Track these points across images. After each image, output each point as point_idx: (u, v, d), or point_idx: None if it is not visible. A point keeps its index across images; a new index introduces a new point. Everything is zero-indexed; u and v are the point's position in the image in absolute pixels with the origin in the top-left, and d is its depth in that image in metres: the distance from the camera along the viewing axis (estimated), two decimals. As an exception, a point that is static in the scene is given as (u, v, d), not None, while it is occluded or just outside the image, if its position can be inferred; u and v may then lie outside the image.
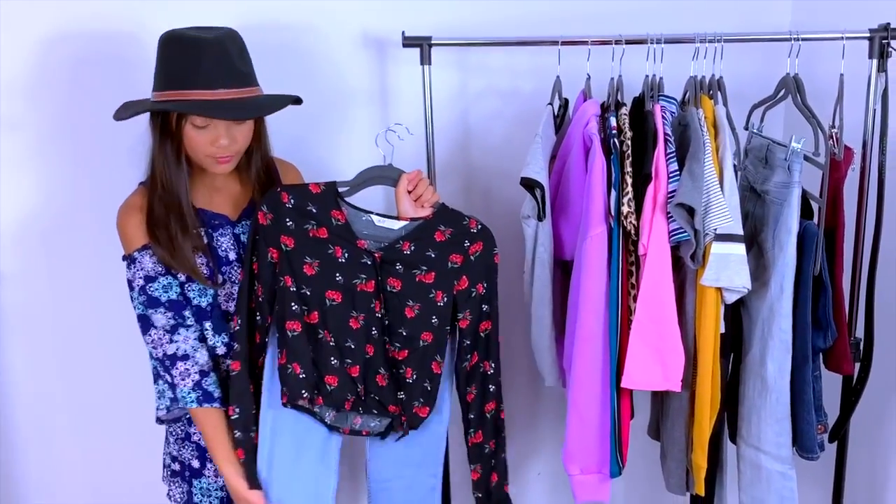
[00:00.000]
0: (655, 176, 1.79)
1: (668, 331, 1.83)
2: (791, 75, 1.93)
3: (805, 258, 1.85)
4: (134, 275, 1.79)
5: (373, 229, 1.85)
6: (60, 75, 2.18)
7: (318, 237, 1.82)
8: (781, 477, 1.93)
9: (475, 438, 1.95)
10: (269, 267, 1.81)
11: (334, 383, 1.83)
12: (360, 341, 1.84)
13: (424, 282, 1.84)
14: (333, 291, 1.82)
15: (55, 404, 2.39)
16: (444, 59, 2.17)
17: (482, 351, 1.91)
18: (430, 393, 1.88)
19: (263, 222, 1.80)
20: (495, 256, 1.89)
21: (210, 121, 1.71)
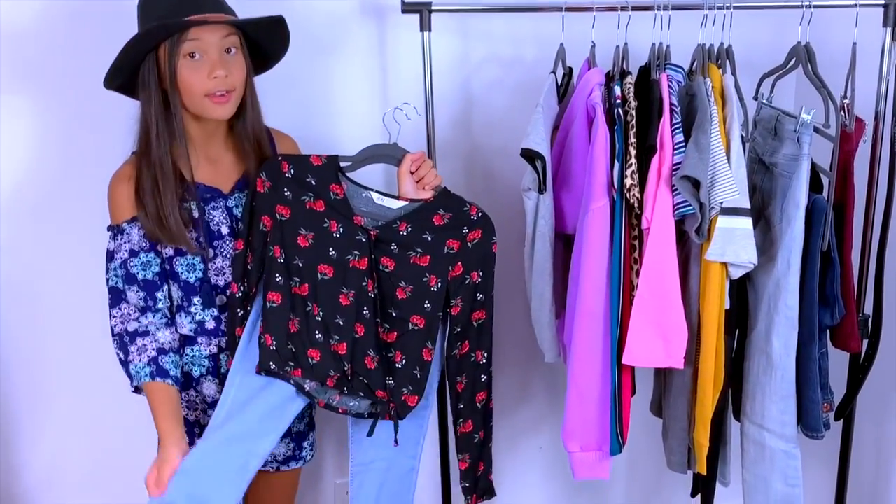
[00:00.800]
0: (660, 147, 1.76)
1: (671, 307, 1.81)
2: (802, 44, 1.89)
3: (813, 233, 1.82)
4: (119, 246, 1.77)
5: (371, 207, 1.83)
6: (56, 40, 2.14)
7: (314, 209, 1.80)
8: (785, 455, 1.92)
9: (464, 428, 1.94)
10: (261, 235, 1.80)
11: (317, 357, 1.82)
12: (349, 319, 1.82)
13: (419, 264, 1.82)
14: (326, 266, 1.80)
15: (49, 376, 2.38)
16: (444, 25, 2.13)
17: (474, 340, 1.90)
18: (420, 381, 1.86)
19: (261, 190, 1.79)
20: (493, 246, 1.87)
21: (203, 50, 1.68)
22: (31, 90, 2.18)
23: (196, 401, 1.89)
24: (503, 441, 2.66)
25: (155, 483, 1.68)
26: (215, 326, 1.84)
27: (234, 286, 1.82)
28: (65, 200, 2.23)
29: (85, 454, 2.43)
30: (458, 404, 1.93)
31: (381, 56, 2.30)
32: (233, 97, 1.74)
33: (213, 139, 1.83)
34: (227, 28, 1.72)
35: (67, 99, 2.18)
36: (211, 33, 1.69)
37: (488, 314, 1.90)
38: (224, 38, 1.71)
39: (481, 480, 2.00)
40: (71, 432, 2.42)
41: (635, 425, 1.99)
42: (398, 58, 2.29)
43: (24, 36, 2.13)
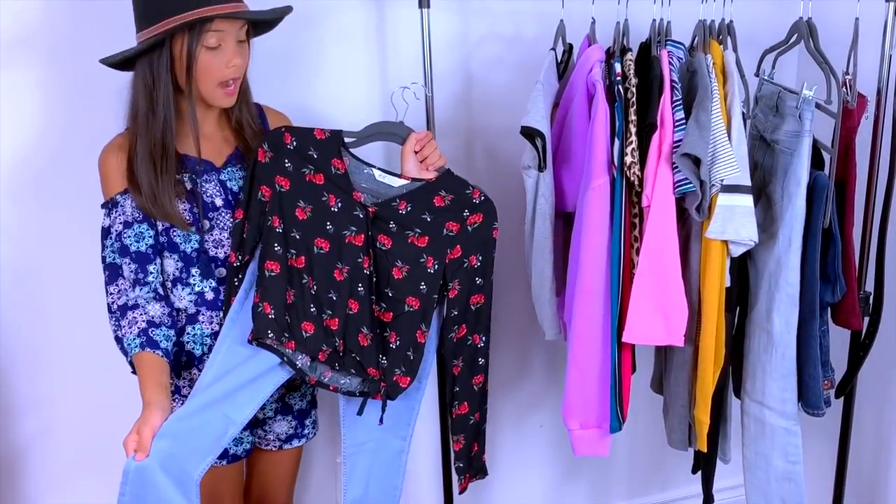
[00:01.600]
0: (661, 125, 1.75)
1: (672, 284, 1.81)
2: (804, 19, 1.88)
3: (815, 210, 1.82)
4: (114, 220, 1.78)
5: (372, 183, 1.82)
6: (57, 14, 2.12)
7: (313, 182, 1.80)
8: (786, 433, 1.92)
9: (460, 410, 1.94)
10: (259, 205, 1.80)
11: (310, 330, 1.82)
12: (343, 294, 1.81)
13: (417, 245, 1.81)
14: (322, 240, 1.80)
15: (50, 352, 2.38)
16: (443, 2, 2.11)
17: (471, 324, 1.89)
18: (413, 363, 1.85)
19: (262, 159, 1.79)
20: (494, 231, 1.85)
21: (223, 39, 1.70)
22: (31, 68, 2.16)
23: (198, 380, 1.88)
24: (504, 419, 2.67)
25: (136, 446, 1.62)
26: (214, 298, 1.84)
27: (233, 255, 1.82)
28: (63, 179, 2.21)
29: (83, 433, 2.43)
30: (454, 387, 1.93)
31: (379, 33, 2.28)
32: (238, 86, 1.77)
33: (207, 117, 1.83)
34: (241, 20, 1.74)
35: (67, 76, 2.16)
36: (231, 24, 1.72)
37: (487, 298, 1.89)
38: (240, 28, 1.74)
39: (475, 461, 2.01)
40: (69, 413, 2.42)
41: (636, 403, 2.00)
42: (397, 35, 2.27)
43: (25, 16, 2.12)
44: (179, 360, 1.88)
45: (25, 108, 2.17)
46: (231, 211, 1.84)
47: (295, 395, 1.99)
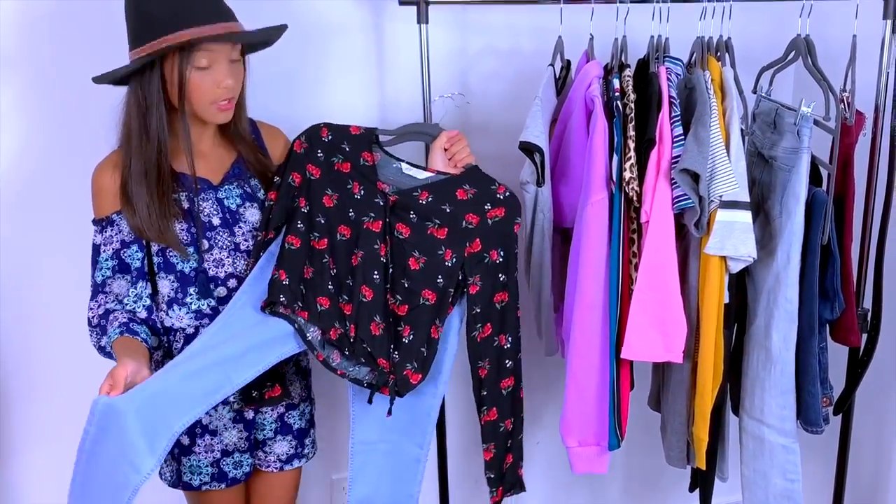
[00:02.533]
0: (659, 140, 1.75)
1: (670, 300, 1.80)
2: (802, 36, 1.88)
3: (813, 227, 1.81)
4: (109, 238, 1.77)
5: (398, 176, 1.85)
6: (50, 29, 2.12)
7: (340, 170, 1.84)
8: (784, 450, 1.91)
9: (489, 416, 1.88)
10: (289, 188, 1.83)
11: (326, 305, 1.82)
12: (358, 280, 1.82)
13: (435, 236, 1.81)
14: (345, 227, 1.84)
15: (42, 365, 2.37)
16: (441, 17, 2.11)
17: (497, 323, 1.84)
18: (426, 360, 1.82)
19: (298, 150, 1.84)
20: (516, 226, 1.83)
21: (214, 60, 1.69)
22: (18, 82, 2.16)
23: None
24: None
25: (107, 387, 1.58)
26: (212, 315, 1.82)
27: (264, 234, 1.84)
28: (52, 193, 2.21)
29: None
30: (481, 390, 1.87)
31: (378, 48, 2.29)
32: (233, 104, 1.76)
33: (204, 134, 1.82)
34: None
35: (55, 91, 2.16)
36: (222, 45, 1.70)
37: (512, 297, 1.85)
38: (233, 48, 1.72)
39: (509, 474, 1.95)
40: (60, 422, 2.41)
41: (634, 420, 1.99)
42: (395, 50, 2.28)
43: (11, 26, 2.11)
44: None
45: (15, 122, 2.17)
46: (229, 230, 1.82)
47: (294, 413, 1.97)
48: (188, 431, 1.87)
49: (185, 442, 1.89)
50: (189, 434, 1.88)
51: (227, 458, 1.90)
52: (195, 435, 1.88)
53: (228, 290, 1.83)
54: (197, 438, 1.88)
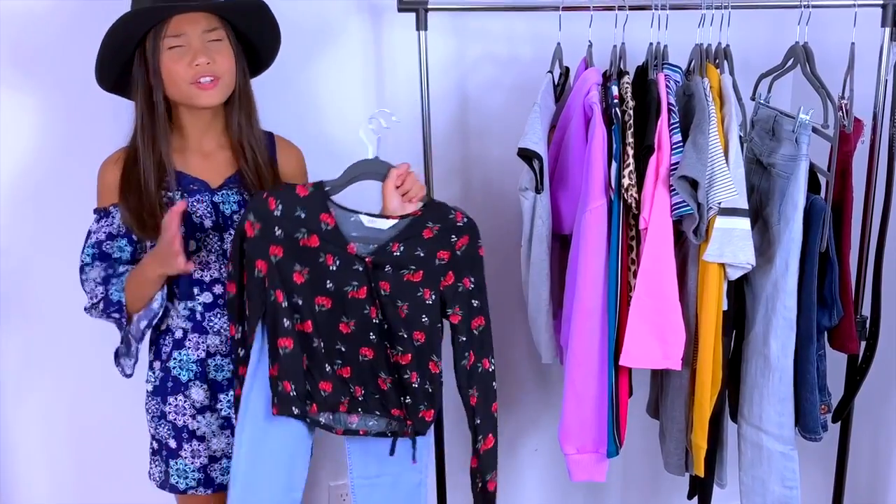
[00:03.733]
0: (658, 147, 1.75)
1: (669, 308, 1.80)
2: (800, 44, 1.89)
3: (811, 234, 1.81)
4: (100, 228, 1.80)
5: (362, 230, 1.77)
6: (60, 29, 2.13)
7: (308, 246, 1.75)
8: (783, 457, 1.91)
9: (486, 444, 1.87)
10: (258, 282, 1.75)
11: (329, 389, 1.81)
12: (353, 345, 1.79)
13: (412, 281, 1.78)
14: (322, 297, 1.77)
15: (45, 359, 2.37)
16: (440, 24, 2.11)
17: (478, 348, 1.84)
18: (432, 395, 1.82)
19: (251, 234, 1.72)
20: (480, 249, 1.82)
21: (185, 39, 1.70)
22: (33, 86, 2.17)
23: (185, 406, 1.87)
24: (499, 442, 2.65)
25: None
26: (199, 321, 1.84)
27: (233, 328, 1.79)
28: (63, 195, 2.21)
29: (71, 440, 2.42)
30: (475, 419, 1.86)
31: (376, 55, 2.29)
32: (219, 84, 1.74)
33: (208, 133, 1.83)
34: (211, 21, 1.73)
35: (68, 95, 2.16)
36: (193, 24, 1.71)
37: (487, 320, 1.85)
38: (207, 31, 1.72)
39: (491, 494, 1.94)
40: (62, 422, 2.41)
41: (632, 427, 1.98)
42: (394, 57, 2.27)
43: (28, 30, 2.12)
44: (165, 385, 1.87)
45: (25, 120, 2.17)
46: (219, 234, 1.82)
47: None
48: (175, 435, 1.88)
49: (172, 445, 1.89)
50: (176, 438, 1.88)
51: (215, 463, 1.90)
52: (182, 439, 1.88)
53: (214, 296, 1.83)
54: (184, 443, 1.88)
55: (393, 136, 2.19)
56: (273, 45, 1.87)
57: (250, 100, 1.84)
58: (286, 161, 1.92)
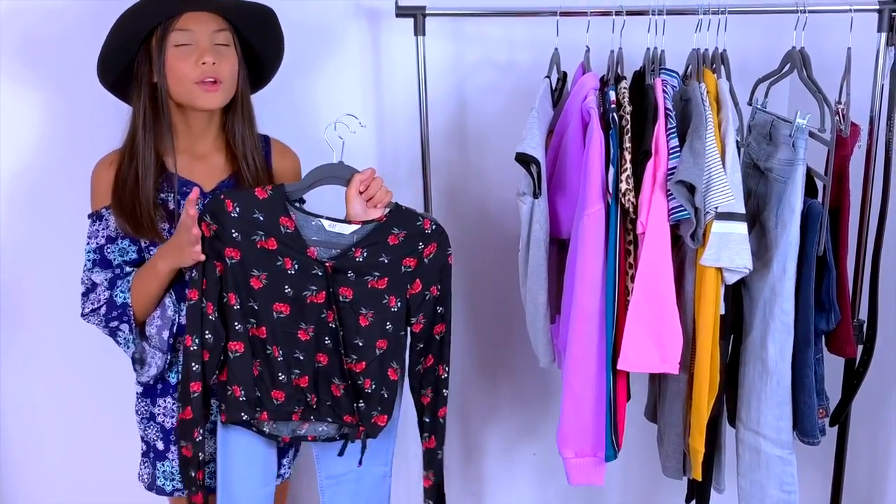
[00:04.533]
0: (655, 152, 1.75)
1: (666, 312, 1.80)
2: (797, 49, 1.89)
3: (809, 238, 1.81)
4: (95, 232, 1.80)
5: (323, 235, 1.76)
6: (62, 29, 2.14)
7: (265, 248, 1.73)
8: (781, 461, 1.91)
9: (429, 444, 1.91)
10: (216, 283, 1.73)
11: (281, 398, 1.80)
12: (310, 351, 1.79)
13: (377, 288, 1.77)
14: (281, 304, 1.76)
15: (41, 362, 2.37)
16: (438, 29, 2.12)
17: (436, 354, 1.85)
18: (388, 400, 1.84)
19: (207, 234, 1.71)
20: (449, 257, 1.82)
21: (193, 37, 1.70)
22: (37, 84, 2.18)
23: (173, 408, 1.87)
24: (497, 446, 2.66)
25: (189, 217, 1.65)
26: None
27: (189, 339, 1.74)
28: (62, 193, 2.22)
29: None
30: (423, 417, 1.89)
31: (374, 60, 2.29)
32: (221, 88, 1.74)
33: (203, 137, 1.83)
34: (219, 22, 1.73)
35: (71, 94, 2.17)
36: (202, 24, 1.71)
37: (448, 326, 1.85)
38: (215, 31, 1.73)
39: (442, 497, 1.97)
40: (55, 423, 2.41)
41: (630, 431, 1.98)
42: (392, 62, 2.28)
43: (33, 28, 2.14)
44: (155, 387, 1.87)
45: (26, 119, 2.18)
46: None
47: None
48: (163, 437, 1.88)
49: (159, 447, 1.89)
50: (164, 440, 1.88)
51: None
52: (170, 441, 1.88)
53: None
54: (171, 445, 1.88)
55: (391, 140, 2.21)
56: (275, 57, 1.88)
57: (250, 107, 1.84)
58: (281, 165, 1.92)
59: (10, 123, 2.19)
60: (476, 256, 2.42)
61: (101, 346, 1.97)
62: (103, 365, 2.27)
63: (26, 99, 2.19)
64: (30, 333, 2.35)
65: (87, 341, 2.09)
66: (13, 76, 2.16)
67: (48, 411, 2.41)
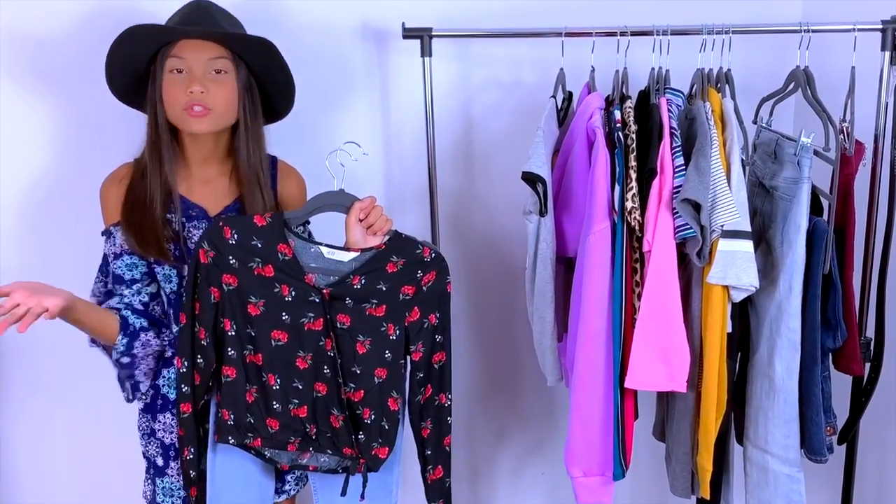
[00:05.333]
0: (661, 171, 1.76)
1: (674, 330, 1.80)
2: (801, 68, 1.90)
3: (814, 256, 1.82)
4: (108, 249, 1.81)
5: (322, 262, 1.76)
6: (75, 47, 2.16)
7: (263, 275, 1.74)
8: (789, 479, 1.90)
9: (435, 475, 1.89)
10: (212, 308, 1.75)
11: (276, 427, 1.80)
12: (309, 380, 1.79)
13: (375, 315, 1.77)
14: (279, 331, 1.76)
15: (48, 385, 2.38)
16: (445, 50, 2.14)
17: (436, 383, 1.84)
18: (389, 432, 1.82)
19: (204, 260, 1.73)
20: (448, 286, 1.81)
21: (187, 64, 1.71)
22: (51, 95, 2.20)
23: (172, 424, 1.88)
24: (505, 466, 2.65)
25: None
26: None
27: (179, 361, 1.77)
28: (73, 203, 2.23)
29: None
30: (425, 450, 1.88)
31: (382, 81, 2.31)
32: (211, 115, 1.74)
33: (209, 161, 1.84)
34: (217, 50, 1.74)
35: (85, 107, 2.19)
36: (195, 52, 1.72)
37: (448, 355, 1.84)
38: (212, 59, 1.73)
39: None
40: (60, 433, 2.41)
41: (638, 450, 1.98)
42: (399, 82, 2.29)
43: (50, 44, 2.16)
44: (155, 403, 1.88)
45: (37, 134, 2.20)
46: None
47: None
48: (163, 453, 1.89)
49: (159, 463, 1.90)
50: (164, 456, 1.89)
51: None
52: (169, 457, 1.88)
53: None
54: (171, 461, 1.88)
55: (398, 160, 2.22)
56: (284, 85, 1.87)
57: (258, 132, 1.83)
58: (286, 187, 1.93)
59: (20, 134, 2.20)
60: (482, 276, 2.42)
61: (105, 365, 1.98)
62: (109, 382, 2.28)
63: (36, 110, 2.20)
64: (36, 349, 2.35)
65: (92, 358, 2.10)
66: (24, 86, 2.18)
67: (54, 430, 2.42)
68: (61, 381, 2.37)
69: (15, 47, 2.16)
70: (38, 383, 2.37)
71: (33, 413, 2.40)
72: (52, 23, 2.15)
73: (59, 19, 2.15)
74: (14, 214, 2.25)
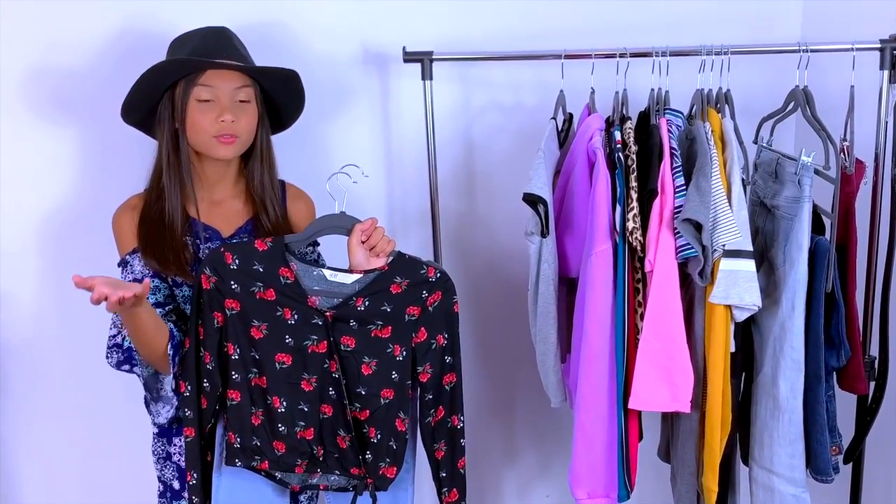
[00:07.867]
0: (661, 191, 1.76)
1: (677, 350, 1.80)
2: (800, 87, 1.90)
3: (817, 275, 1.82)
4: (125, 278, 1.79)
5: (325, 285, 1.76)
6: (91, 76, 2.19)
7: (265, 299, 1.75)
8: (795, 500, 1.89)
9: (450, 497, 1.87)
10: (216, 333, 1.75)
11: (282, 449, 1.80)
12: (314, 403, 1.79)
13: (381, 336, 1.77)
14: (283, 354, 1.76)
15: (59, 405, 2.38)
16: (445, 73, 2.15)
17: (447, 405, 1.83)
18: (397, 452, 1.81)
19: (206, 286, 1.74)
20: (455, 305, 1.80)
21: (214, 93, 1.73)
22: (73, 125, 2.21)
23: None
24: (509, 488, 2.64)
25: None
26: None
27: (183, 385, 1.77)
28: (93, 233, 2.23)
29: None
30: (439, 472, 1.86)
31: (383, 104, 2.32)
32: (237, 142, 1.77)
33: (221, 183, 1.85)
34: (242, 79, 1.76)
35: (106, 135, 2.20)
36: (225, 82, 1.74)
37: (458, 376, 1.83)
38: (237, 88, 1.76)
39: None
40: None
41: (643, 471, 1.97)
42: (400, 106, 2.31)
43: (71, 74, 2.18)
44: (171, 428, 1.88)
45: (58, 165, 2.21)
46: None
47: None
48: (179, 477, 1.88)
49: (175, 487, 1.89)
50: (179, 479, 1.88)
51: None
52: (185, 481, 1.87)
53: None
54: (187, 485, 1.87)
55: (400, 182, 2.22)
56: (296, 111, 1.92)
57: (271, 153, 1.87)
58: (295, 210, 1.94)
59: (41, 165, 2.21)
60: (485, 297, 2.42)
61: (120, 390, 1.98)
62: (121, 407, 2.28)
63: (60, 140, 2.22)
64: (50, 375, 2.36)
65: (107, 383, 2.10)
66: (45, 117, 2.19)
67: (65, 453, 2.41)
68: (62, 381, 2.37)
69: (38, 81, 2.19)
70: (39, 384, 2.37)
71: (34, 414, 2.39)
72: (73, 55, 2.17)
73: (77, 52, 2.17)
74: (35, 242, 2.26)
